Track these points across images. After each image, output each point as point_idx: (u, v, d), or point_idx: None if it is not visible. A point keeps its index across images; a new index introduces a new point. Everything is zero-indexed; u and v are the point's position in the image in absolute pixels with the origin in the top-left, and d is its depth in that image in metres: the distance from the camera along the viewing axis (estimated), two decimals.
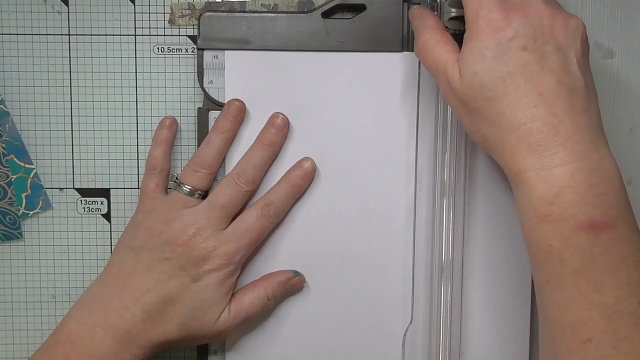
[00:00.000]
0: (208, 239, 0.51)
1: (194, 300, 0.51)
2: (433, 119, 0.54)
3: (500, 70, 0.44)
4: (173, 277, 0.51)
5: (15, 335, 0.57)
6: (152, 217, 0.52)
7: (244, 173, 0.53)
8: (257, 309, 0.54)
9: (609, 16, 0.56)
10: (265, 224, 0.53)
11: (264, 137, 0.54)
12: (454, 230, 0.54)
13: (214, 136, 0.54)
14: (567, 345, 0.43)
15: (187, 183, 0.53)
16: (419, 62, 0.54)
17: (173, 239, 0.51)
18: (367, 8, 0.54)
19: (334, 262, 0.55)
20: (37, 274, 0.57)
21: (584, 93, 0.44)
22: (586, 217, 0.43)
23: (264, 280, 0.54)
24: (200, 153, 0.53)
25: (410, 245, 0.55)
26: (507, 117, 0.44)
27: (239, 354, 0.56)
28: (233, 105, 0.54)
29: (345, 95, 0.54)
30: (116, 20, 0.55)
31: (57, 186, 0.57)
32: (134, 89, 0.56)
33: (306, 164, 0.54)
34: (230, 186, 0.52)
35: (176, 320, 0.51)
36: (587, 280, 0.43)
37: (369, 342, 0.56)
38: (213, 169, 0.53)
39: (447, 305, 0.55)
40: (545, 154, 0.43)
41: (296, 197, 0.55)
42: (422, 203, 0.55)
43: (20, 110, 0.56)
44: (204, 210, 0.52)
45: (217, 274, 0.51)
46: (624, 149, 0.57)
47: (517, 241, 0.54)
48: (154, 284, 0.51)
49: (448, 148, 0.54)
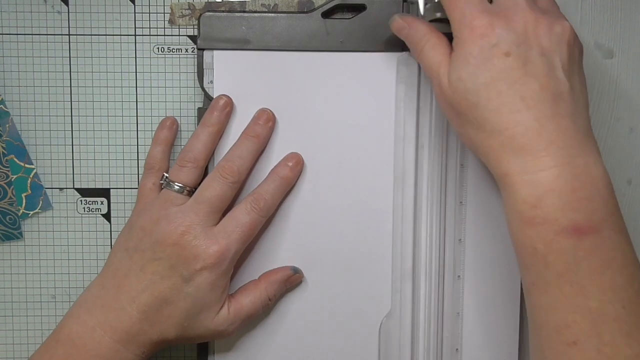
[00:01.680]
0: (197, 237, 0.50)
1: (188, 301, 0.51)
2: (432, 119, 0.54)
3: (483, 76, 0.44)
4: (165, 278, 0.50)
5: (15, 335, 0.57)
6: (144, 217, 0.52)
7: (228, 164, 0.52)
8: (258, 309, 0.54)
9: (609, 16, 0.56)
10: (256, 218, 0.52)
11: (249, 130, 0.54)
12: (442, 228, 0.55)
13: (200, 130, 0.53)
14: (553, 347, 0.44)
15: (176, 180, 0.52)
16: None
17: (162, 239, 0.50)
18: (367, 8, 0.54)
19: (324, 258, 0.55)
20: (37, 274, 0.57)
21: (569, 97, 0.44)
22: (570, 221, 0.43)
23: (264, 280, 0.54)
24: (187, 148, 0.53)
25: (398, 240, 0.55)
26: (491, 122, 0.44)
27: (231, 350, 0.56)
28: (220, 99, 0.54)
29: (345, 95, 0.54)
30: (116, 20, 0.56)
31: (57, 186, 0.57)
32: (134, 89, 0.56)
33: (293, 156, 0.54)
34: (215, 179, 0.52)
35: (173, 320, 0.51)
36: (572, 284, 0.43)
37: (355, 333, 0.56)
38: (199, 163, 0.53)
39: (427, 299, 0.55)
40: (528, 158, 0.43)
41: (285, 191, 0.54)
42: (422, 203, 0.55)
43: (20, 110, 0.56)
44: (191, 207, 0.51)
45: (209, 273, 0.51)
46: (624, 149, 0.57)
47: (508, 240, 0.54)
48: (147, 284, 0.50)
49: (446, 148, 0.54)
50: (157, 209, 0.52)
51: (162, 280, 0.50)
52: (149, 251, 0.51)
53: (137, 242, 0.51)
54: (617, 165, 0.57)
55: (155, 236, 0.51)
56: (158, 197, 0.53)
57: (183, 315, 0.51)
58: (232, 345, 0.56)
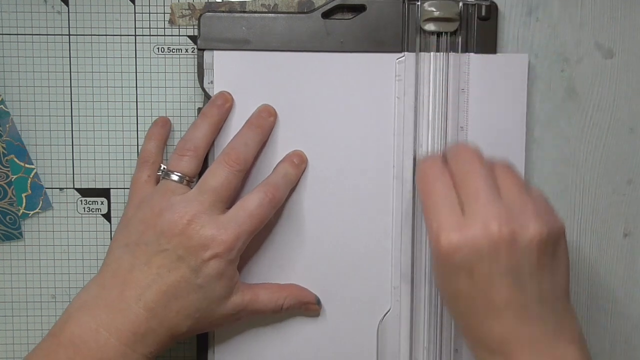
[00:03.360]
0: (205, 226, 0.49)
1: (199, 293, 0.49)
2: (430, 119, 0.54)
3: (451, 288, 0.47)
4: (172, 270, 0.49)
5: (15, 335, 0.58)
6: (143, 209, 0.50)
7: (232, 151, 0.51)
8: (269, 310, 0.53)
9: (609, 16, 0.56)
10: (268, 209, 0.51)
11: (252, 120, 0.54)
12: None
13: (200, 120, 0.53)
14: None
15: (175, 170, 0.51)
16: (419, 63, 0.54)
17: (167, 230, 0.49)
18: (367, 8, 0.54)
19: (323, 256, 0.55)
20: (37, 274, 0.57)
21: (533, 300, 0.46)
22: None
23: (288, 289, 0.54)
24: (186, 137, 0.52)
25: (397, 239, 0.55)
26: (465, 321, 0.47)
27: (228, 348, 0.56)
28: (221, 94, 0.54)
29: (344, 95, 0.54)
30: (116, 20, 0.55)
31: (57, 186, 0.57)
32: (134, 89, 0.56)
33: (298, 154, 0.54)
34: (220, 167, 0.51)
35: (183, 314, 0.49)
36: None
37: (354, 331, 0.56)
38: (199, 152, 0.52)
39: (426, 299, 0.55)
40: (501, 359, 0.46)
41: (290, 188, 0.54)
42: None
43: (20, 110, 0.56)
44: (195, 195, 0.50)
45: (217, 262, 0.49)
46: (624, 149, 0.57)
47: None
48: (153, 279, 0.49)
49: (445, 148, 0.54)
50: (157, 200, 0.50)
51: (169, 274, 0.49)
52: (153, 244, 0.49)
53: (138, 236, 0.50)
54: (617, 165, 0.57)
55: (160, 228, 0.49)
56: (156, 189, 0.51)
57: (193, 307, 0.49)
58: (232, 343, 0.56)
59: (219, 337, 0.56)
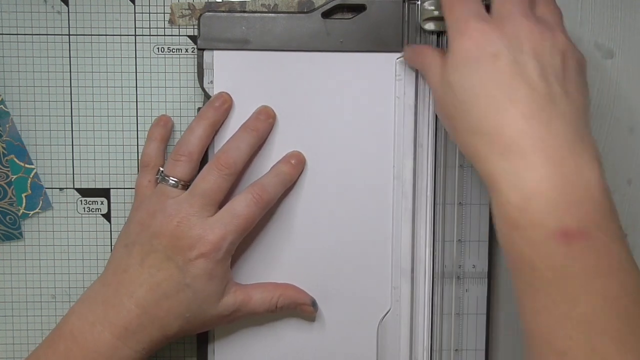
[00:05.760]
0: (193, 227, 0.50)
1: (188, 292, 0.51)
2: (431, 119, 0.54)
3: (471, 79, 0.44)
4: (161, 270, 0.50)
5: (15, 335, 0.57)
6: (141, 212, 0.52)
7: (224, 156, 0.52)
8: (263, 310, 0.54)
9: (609, 16, 0.56)
10: (255, 210, 0.52)
11: (248, 123, 0.54)
12: (441, 228, 0.55)
13: (195, 123, 0.53)
14: (544, 357, 0.42)
15: (170, 174, 0.52)
16: None
17: (159, 231, 0.51)
18: (367, 8, 0.54)
19: (323, 256, 0.55)
20: (37, 274, 0.57)
21: (562, 100, 0.43)
22: (558, 226, 0.41)
23: (283, 288, 0.54)
24: (181, 142, 0.53)
25: (397, 239, 0.55)
26: (478, 124, 0.44)
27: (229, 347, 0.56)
28: (219, 95, 0.54)
29: (344, 95, 0.54)
30: (116, 20, 0.56)
31: (57, 186, 0.57)
32: (134, 89, 0.56)
33: (296, 155, 0.54)
34: (210, 171, 0.52)
35: (173, 313, 0.51)
36: (560, 291, 0.41)
37: (354, 331, 0.56)
38: (193, 157, 0.53)
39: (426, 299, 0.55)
40: (515, 160, 0.42)
41: (286, 187, 0.54)
42: (421, 202, 0.55)
43: (20, 110, 0.56)
44: (185, 198, 0.51)
45: (204, 262, 0.50)
46: (624, 149, 0.57)
47: None
48: (145, 278, 0.50)
49: (445, 147, 0.54)
50: (153, 203, 0.52)
51: (158, 273, 0.50)
52: (146, 244, 0.51)
53: (135, 237, 0.51)
54: (617, 165, 0.57)
55: (153, 229, 0.51)
56: (154, 192, 0.53)
57: (184, 307, 0.51)
58: (232, 343, 0.56)
59: (219, 337, 0.56)
